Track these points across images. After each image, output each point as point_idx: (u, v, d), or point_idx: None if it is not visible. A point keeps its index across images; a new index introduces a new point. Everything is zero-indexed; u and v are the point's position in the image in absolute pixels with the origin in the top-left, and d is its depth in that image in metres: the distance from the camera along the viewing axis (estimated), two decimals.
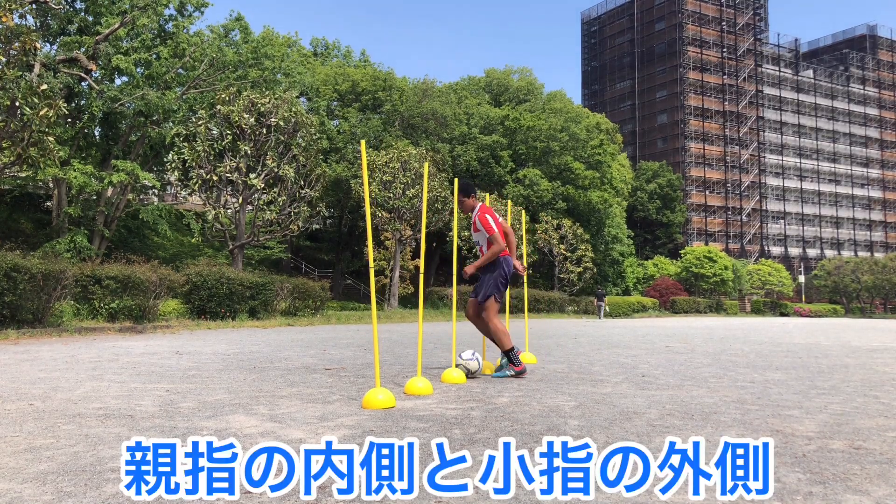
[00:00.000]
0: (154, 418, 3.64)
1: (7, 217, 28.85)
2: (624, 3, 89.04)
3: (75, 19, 26.58)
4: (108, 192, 26.37)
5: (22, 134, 12.66)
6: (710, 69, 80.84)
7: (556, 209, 41.69)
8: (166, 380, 5.39)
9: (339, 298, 34.71)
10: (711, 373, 6.41)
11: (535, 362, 7.11)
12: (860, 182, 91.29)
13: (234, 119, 22.83)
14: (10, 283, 11.09)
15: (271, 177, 23.90)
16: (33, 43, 13.16)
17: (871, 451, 3.02)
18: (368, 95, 40.07)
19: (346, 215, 41.08)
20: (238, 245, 23.36)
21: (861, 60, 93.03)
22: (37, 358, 7.26)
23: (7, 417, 3.66)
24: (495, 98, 47.97)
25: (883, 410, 4.20)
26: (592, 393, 4.83)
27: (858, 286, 57.49)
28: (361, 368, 6.45)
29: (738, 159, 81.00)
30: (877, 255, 77.32)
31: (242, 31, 34.09)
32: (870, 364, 7.68)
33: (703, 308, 49.63)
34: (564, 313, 37.28)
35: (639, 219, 65.49)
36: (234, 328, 15.28)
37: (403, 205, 29.31)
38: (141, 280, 14.43)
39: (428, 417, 3.73)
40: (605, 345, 10.79)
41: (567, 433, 3.32)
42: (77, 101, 26.03)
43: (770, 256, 78.81)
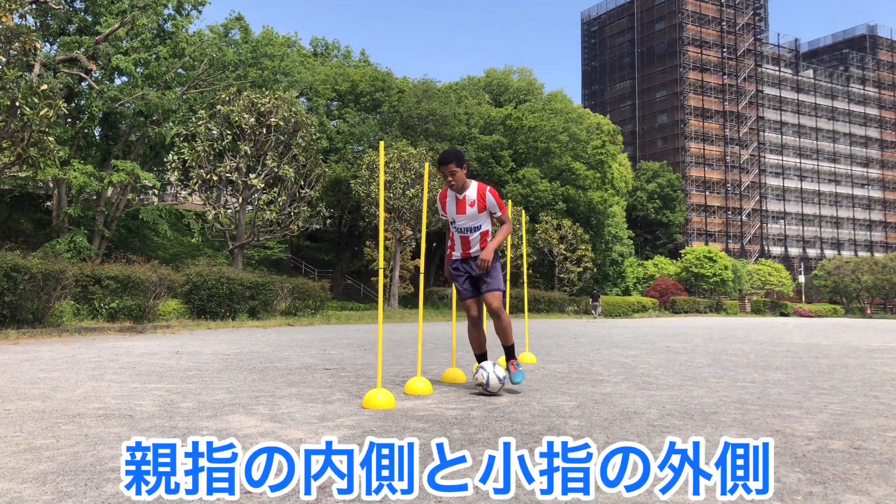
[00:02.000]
0: (154, 418, 3.64)
1: (7, 217, 28.85)
2: (624, 3, 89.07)
3: (75, 19, 26.58)
4: (108, 192, 26.37)
5: (22, 134, 12.66)
6: (710, 69, 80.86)
7: (557, 210, 41.70)
8: (166, 380, 5.39)
9: (339, 298, 34.71)
10: (711, 373, 6.41)
11: (535, 362, 7.11)
12: (860, 182, 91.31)
13: (234, 119, 22.83)
14: (10, 283, 11.09)
15: (271, 177, 23.90)
16: (33, 43, 13.16)
17: (871, 451, 3.02)
18: (367, 96, 40.08)
19: (346, 215, 41.08)
20: (238, 245, 23.36)
21: (861, 60, 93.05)
22: (37, 358, 7.26)
23: (7, 417, 3.66)
24: (495, 98, 47.96)
25: (883, 410, 4.20)
26: (592, 393, 4.83)
27: (858, 286, 57.50)
28: (361, 368, 6.45)
29: (738, 159, 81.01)
30: (877, 255, 77.33)
31: (242, 31, 34.11)
32: (870, 364, 7.68)
33: (703, 308, 49.63)
34: (564, 313, 37.28)
35: (639, 219, 65.50)
36: (234, 328, 15.28)
37: (403, 205, 29.31)
38: (141, 280, 14.42)
39: (428, 417, 3.73)
40: (605, 345, 10.79)
41: (567, 433, 3.32)
42: (77, 101, 26.03)
43: (770, 256, 78.84)
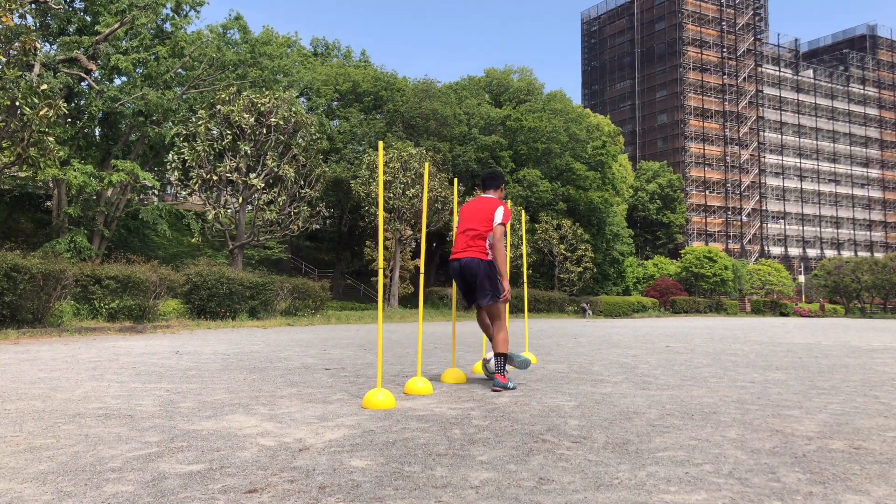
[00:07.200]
0: (154, 418, 3.64)
1: (7, 217, 28.85)
2: (624, 3, 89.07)
3: (74, 19, 26.58)
4: (108, 192, 26.35)
5: (22, 134, 12.66)
6: (710, 69, 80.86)
7: (557, 210, 41.71)
8: (166, 380, 5.39)
9: (339, 298, 34.69)
10: (711, 373, 6.41)
11: (535, 362, 7.11)
12: (860, 182, 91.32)
13: (234, 119, 22.83)
14: (10, 283, 11.09)
15: (271, 177, 23.90)
16: (33, 43, 13.15)
17: (871, 451, 3.02)
18: (370, 96, 40.09)
19: (346, 215, 41.06)
20: (238, 245, 23.36)
21: (861, 60, 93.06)
22: (37, 358, 7.26)
23: (7, 417, 3.66)
24: (495, 98, 47.94)
25: (883, 410, 4.21)
26: (592, 393, 4.83)
27: (858, 286, 57.48)
28: (361, 368, 6.45)
29: (738, 159, 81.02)
30: (877, 255, 77.32)
31: (241, 31, 34.10)
32: (870, 364, 7.68)
33: (703, 308, 49.62)
34: (564, 313, 37.29)
35: (639, 219, 65.51)
36: (234, 328, 15.28)
37: (403, 205, 29.31)
38: (141, 280, 14.42)
39: (428, 417, 3.73)
40: (605, 345, 10.79)
41: (567, 433, 3.32)
42: (77, 101, 26.03)
43: (770, 256, 78.84)
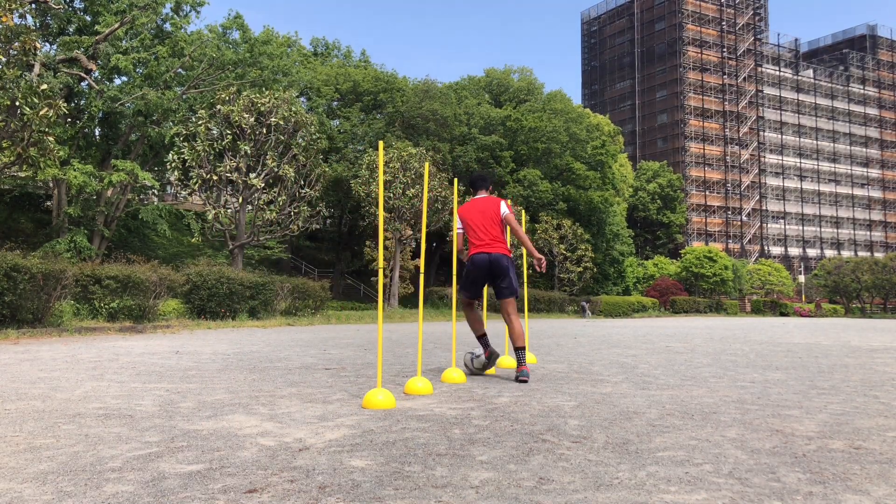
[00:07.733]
0: (154, 418, 3.64)
1: (7, 217, 28.85)
2: (624, 3, 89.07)
3: (74, 19, 26.58)
4: (108, 192, 26.36)
5: (22, 134, 12.66)
6: (710, 69, 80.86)
7: (557, 209, 41.70)
8: (166, 380, 5.39)
9: (339, 298, 34.70)
10: (711, 373, 6.41)
11: (535, 362, 7.11)
12: (860, 182, 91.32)
13: (234, 119, 22.83)
14: (10, 283, 11.09)
15: (271, 177, 23.90)
16: (33, 43, 13.15)
17: (871, 451, 3.02)
18: (370, 96, 40.09)
19: (346, 215, 41.06)
20: (238, 245, 23.36)
21: (861, 60, 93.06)
22: (37, 358, 7.26)
23: (7, 417, 3.66)
24: (495, 98, 47.94)
25: (883, 410, 4.20)
26: (592, 393, 4.83)
27: (858, 286, 57.47)
28: (361, 368, 6.45)
29: (738, 159, 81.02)
30: (877, 255, 77.32)
31: (241, 31, 34.10)
32: (870, 364, 7.68)
33: (703, 308, 49.62)
34: (564, 313, 37.29)
35: (639, 219, 65.51)
36: (234, 328, 15.28)
37: (403, 205, 29.30)
38: (141, 280, 14.42)
39: (428, 417, 3.73)
40: (605, 345, 10.79)
41: (567, 433, 3.32)
42: (77, 101, 26.03)
43: (770, 256, 78.85)
